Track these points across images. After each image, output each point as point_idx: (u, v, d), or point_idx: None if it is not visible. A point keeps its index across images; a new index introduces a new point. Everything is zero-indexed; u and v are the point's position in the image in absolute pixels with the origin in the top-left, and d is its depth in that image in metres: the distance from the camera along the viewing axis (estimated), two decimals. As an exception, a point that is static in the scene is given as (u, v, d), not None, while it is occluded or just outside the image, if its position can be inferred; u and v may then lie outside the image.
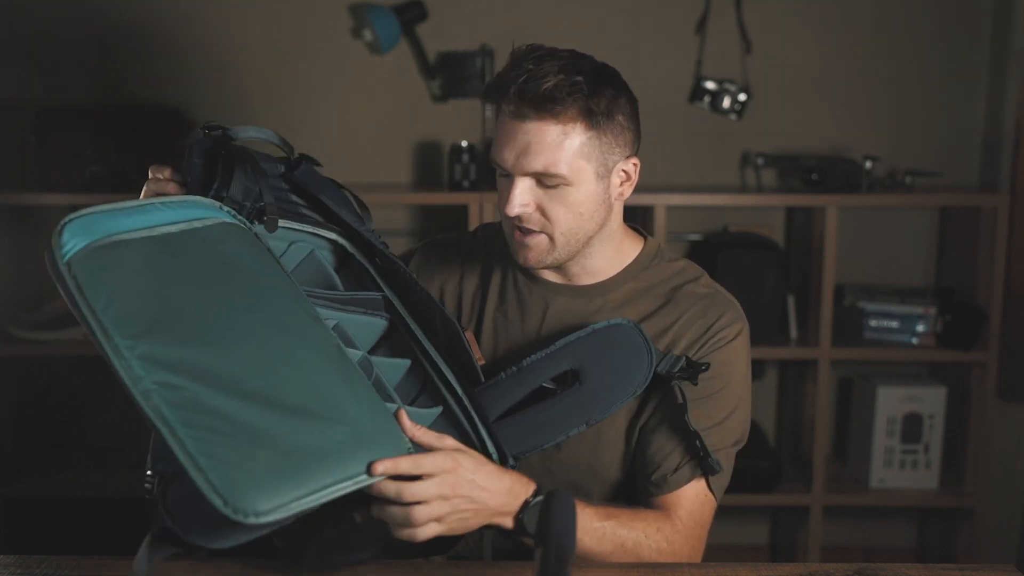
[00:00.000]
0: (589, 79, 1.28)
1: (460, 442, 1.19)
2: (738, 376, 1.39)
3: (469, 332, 1.41)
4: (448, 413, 1.30)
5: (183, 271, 1.08)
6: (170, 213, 1.13)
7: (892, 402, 2.77)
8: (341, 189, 1.39)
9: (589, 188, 1.32)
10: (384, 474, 1.05)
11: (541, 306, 1.44)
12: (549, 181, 1.30)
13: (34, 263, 2.83)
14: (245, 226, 1.21)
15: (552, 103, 1.26)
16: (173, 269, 1.07)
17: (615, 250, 1.43)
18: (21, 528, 2.83)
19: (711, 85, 2.84)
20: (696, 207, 2.86)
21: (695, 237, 2.92)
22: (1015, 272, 2.72)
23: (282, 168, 1.34)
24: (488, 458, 1.22)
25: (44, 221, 2.87)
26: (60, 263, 1.01)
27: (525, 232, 1.34)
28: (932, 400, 2.77)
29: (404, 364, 1.35)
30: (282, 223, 1.27)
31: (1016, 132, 2.73)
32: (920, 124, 2.89)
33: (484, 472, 1.16)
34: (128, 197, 1.17)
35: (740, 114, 2.85)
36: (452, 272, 1.52)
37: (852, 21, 2.86)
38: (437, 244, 1.57)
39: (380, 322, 1.37)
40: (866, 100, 2.89)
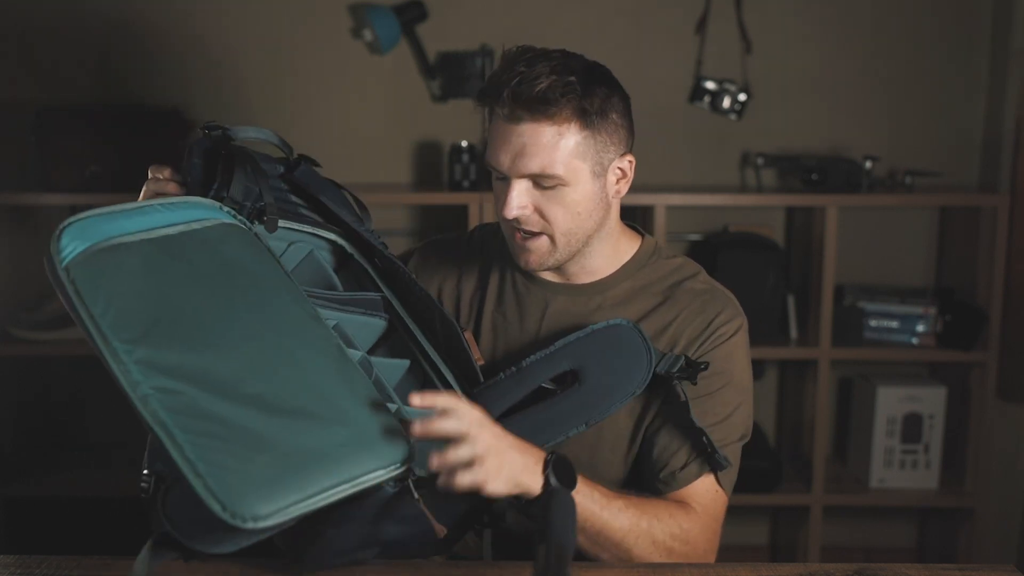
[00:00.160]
0: (581, 78, 1.28)
1: None
2: (740, 371, 1.40)
3: (468, 332, 1.41)
4: (448, 413, 1.30)
5: (182, 273, 1.07)
6: (169, 215, 1.13)
7: (892, 402, 2.77)
8: (340, 189, 1.39)
9: (586, 187, 1.32)
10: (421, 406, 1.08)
11: (540, 306, 1.44)
12: (546, 182, 1.30)
13: (34, 263, 2.83)
14: (245, 226, 1.21)
15: (546, 104, 1.26)
16: (171, 271, 1.07)
17: (613, 248, 1.43)
18: (21, 528, 2.83)
19: (711, 85, 2.84)
20: (696, 207, 2.86)
21: (695, 237, 2.92)
22: (1015, 272, 2.72)
23: (281, 168, 1.34)
24: None
25: (44, 221, 2.87)
26: (59, 268, 1.01)
27: (526, 235, 1.34)
28: (932, 400, 2.77)
29: (403, 364, 1.35)
30: (282, 223, 1.27)
31: (1016, 132, 2.73)
32: (920, 124, 2.89)
33: (499, 427, 1.16)
34: (128, 197, 1.17)
35: (740, 114, 2.85)
36: (450, 272, 1.52)
37: (852, 21, 2.86)
38: (435, 245, 1.58)
39: (379, 322, 1.37)
40: (866, 100, 2.89)
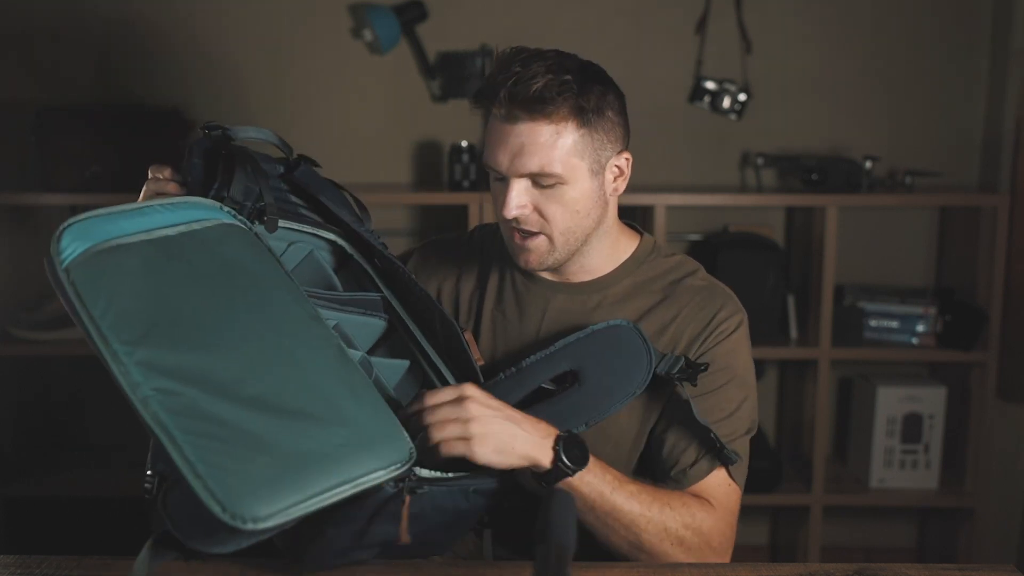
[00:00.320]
0: (577, 77, 1.28)
1: None
2: (742, 367, 1.40)
3: (468, 333, 1.41)
4: (448, 414, 1.30)
5: (181, 274, 1.07)
6: (169, 215, 1.12)
7: (892, 402, 2.77)
8: (340, 190, 1.39)
9: (584, 185, 1.32)
10: None
11: (540, 304, 1.44)
12: (545, 181, 1.30)
13: (34, 263, 2.83)
14: (245, 226, 1.20)
15: (543, 103, 1.26)
16: (171, 272, 1.07)
17: (612, 247, 1.43)
18: (21, 528, 2.83)
19: (711, 85, 2.84)
20: (696, 207, 2.86)
21: (695, 237, 2.92)
22: (1015, 272, 2.72)
23: (281, 169, 1.34)
24: None
25: (44, 221, 2.87)
26: (59, 269, 1.00)
27: (524, 235, 1.34)
28: (932, 400, 2.77)
29: (403, 365, 1.35)
30: (282, 223, 1.27)
31: (1016, 132, 2.73)
32: (920, 124, 2.89)
33: (498, 402, 1.21)
34: (128, 197, 1.17)
35: (740, 114, 2.85)
36: (449, 272, 1.52)
37: (852, 21, 2.86)
38: (435, 245, 1.58)
39: (379, 323, 1.37)
40: (866, 100, 2.89)
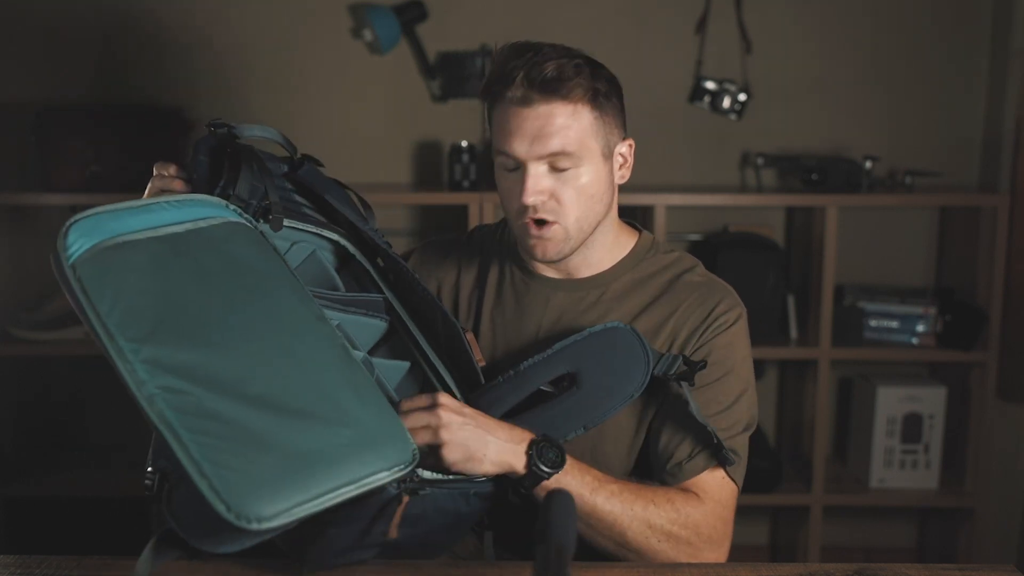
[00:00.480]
0: (587, 61, 1.33)
1: None
2: (740, 360, 1.40)
3: (470, 334, 1.41)
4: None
5: (188, 271, 1.07)
6: (175, 213, 1.12)
7: (892, 402, 2.77)
8: (344, 189, 1.39)
9: (598, 168, 1.34)
10: None
11: (540, 302, 1.44)
12: (562, 163, 1.31)
13: (34, 263, 2.83)
14: (251, 225, 1.20)
15: (560, 83, 1.28)
16: (178, 269, 1.06)
17: (613, 240, 1.44)
18: (21, 528, 2.82)
19: (711, 85, 2.84)
20: (696, 207, 2.86)
21: (695, 237, 2.92)
22: (1015, 272, 2.72)
23: (285, 168, 1.34)
24: None
25: (44, 221, 2.87)
26: (65, 265, 1.00)
27: (540, 224, 1.35)
28: (932, 400, 2.77)
29: (403, 366, 1.35)
30: (286, 222, 1.27)
31: (1016, 132, 2.73)
32: (920, 124, 2.89)
33: (472, 410, 1.24)
34: (128, 197, 1.17)
35: (740, 114, 2.85)
36: (449, 271, 1.53)
37: (852, 21, 2.86)
38: (435, 245, 1.58)
39: (380, 324, 1.37)
40: (866, 100, 2.89)
